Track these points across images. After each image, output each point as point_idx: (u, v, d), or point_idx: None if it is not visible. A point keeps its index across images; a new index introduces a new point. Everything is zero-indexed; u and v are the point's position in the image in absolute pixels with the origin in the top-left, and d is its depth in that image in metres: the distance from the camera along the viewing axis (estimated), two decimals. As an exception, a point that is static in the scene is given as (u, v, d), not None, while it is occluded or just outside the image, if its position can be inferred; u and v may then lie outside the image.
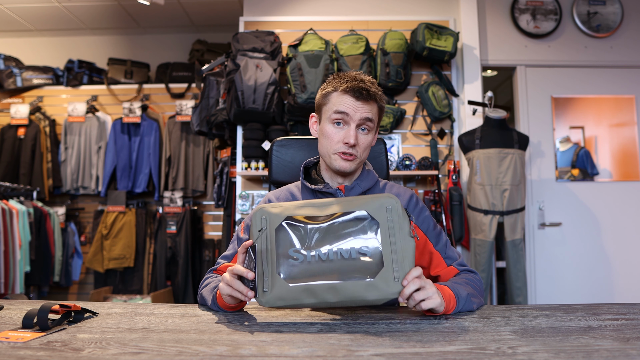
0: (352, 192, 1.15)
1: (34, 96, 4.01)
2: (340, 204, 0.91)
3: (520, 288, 2.63)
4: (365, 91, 1.08)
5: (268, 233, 0.89)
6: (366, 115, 1.09)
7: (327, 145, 1.13)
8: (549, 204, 3.04)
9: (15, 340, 0.71)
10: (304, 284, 0.85)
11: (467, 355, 0.64)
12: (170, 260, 3.73)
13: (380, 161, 1.41)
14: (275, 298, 0.85)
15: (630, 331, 0.76)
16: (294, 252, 0.88)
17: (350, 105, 1.09)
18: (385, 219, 0.88)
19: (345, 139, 1.09)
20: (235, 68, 2.71)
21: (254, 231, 0.90)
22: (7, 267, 2.99)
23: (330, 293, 0.85)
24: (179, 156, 3.85)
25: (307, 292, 0.85)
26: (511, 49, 3.13)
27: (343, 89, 1.10)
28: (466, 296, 0.97)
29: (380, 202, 0.89)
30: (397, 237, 0.87)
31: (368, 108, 1.10)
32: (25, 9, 3.87)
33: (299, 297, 0.85)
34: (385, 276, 0.85)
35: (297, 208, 0.92)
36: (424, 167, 2.79)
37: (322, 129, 1.15)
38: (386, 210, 0.88)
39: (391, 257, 0.86)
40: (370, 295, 0.84)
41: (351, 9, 3.14)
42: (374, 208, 0.88)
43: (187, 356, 0.64)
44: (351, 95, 1.09)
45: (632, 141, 3.11)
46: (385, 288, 0.84)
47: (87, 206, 3.99)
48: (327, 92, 1.14)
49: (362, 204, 0.89)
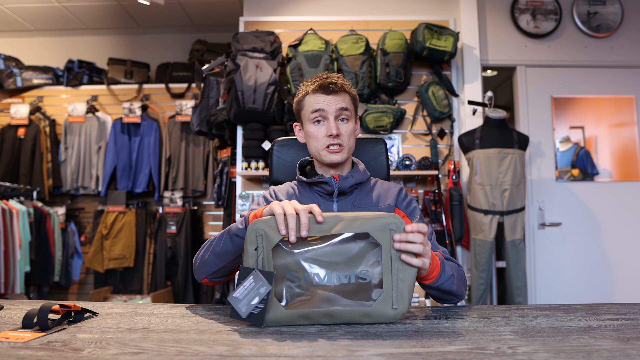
0: (346, 182, 1.19)
1: (34, 96, 4.01)
2: (342, 222, 0.85)
3: (520, 288, 2.63)
4: (333, 84, 1.16)
5: (265, 253, 0.84)
6: (340, 105, 1.16)
7: (315, 144, 1.19)
8: (549, 204, 3.04)
9: (15, 340, 0.71)
10: (300, 310, 0.83)
11: (467, 355, 0.64)
12: (170, 260, 3.73)
13: (380, 161, 1.41)
14: (271, 320, 0.83)
15: (630, 331, 0.76)
16: (292, 274, 0.85)
17: (323, 101, 1.16)
18: (388, 242, 0.83)
19: (328, 132, 1.16)
20: (235, 68, 2.71)
21: (249, 249, 0.85)
22: (7, 267, 2.99)
23: (325, 318, 0.83)
24: (179, 156, 3.85)
25: (302, 317, 0.83)
26: (511, 49, 3.13)
27: (313, 89, 1.17)
28: (450, 276, 1.00)
29: (384, 221, 0.84)
30: (398, 262, 0.84)
31: (340, 99, 1.17)
32: (25, 9, 3.87)
33: (295, 321, 0.84)
34: (384, 303, 0.82)
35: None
36: (424, 167, 2.79)
37: (306, 132, 1.21)
38: (390, 232, 0.83)
39: (391, 283, 0.83)
40: (366, 321, 0.83)
41: (351, 9, 3.14)
42: (376, 228, 0.84)
43: (187, 356, 0.64)
44: (322, 92, 1.16)
45: (632, 141, 3.11)
46: (382, 315, 0.82)
47: (87, 206, 3.99)
48: (300, 99, 1.22)
49: (364, 223, 0.84)
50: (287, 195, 1.23)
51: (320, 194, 1.20)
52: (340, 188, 1.18)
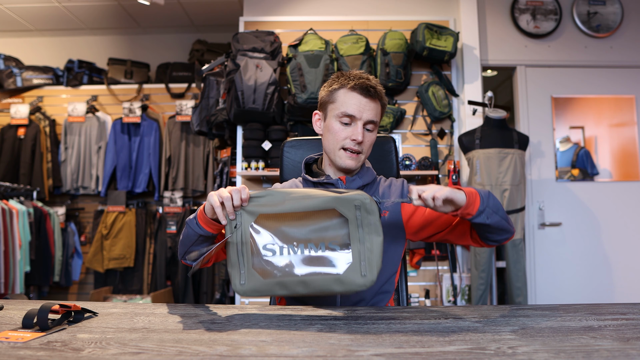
0: (353, 185, 1.18)
1: (34, 96, 4.00)
2: (312, 200, 0.94)
3: (520, 288, 2.63)
4: (373, 88, 1.13)
5: (243, 229, 0.95)
6: (371, 118, 1.14)
7: (333, 140, 1.16)
8: (549, 204, 3.04)
9: (15, 340, 0.71)
10: (277, 279, 0.93)
11: (467, 355, 0.64)
12: (170, 260, 3.73)
13: (389, 160, 1.41)
14: (251, 290, 0.94)
15: (630, 331, 0.76)
16: (267, 247, 0.95)
17: (357, 102, 1.13)
18: (354, 216, 0.93)
19: (353, 136, 1.13)
20: (235, 68, 2.71)
21: (229, 228, 0.96)
22: (7, 267, 2.99)
23: (300, 286, 0.92)
24: (179, 156, 3.85)
25: (279, 285, 0.93)
26: (511, 49, 3.13)
27: (351, 86, 1.13)
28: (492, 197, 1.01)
29: (349, 198, 0.93)
30: (365, 233, 0.92)
31: (373, 106, 1.15)
32: (25, 9, 3.87)
33: (272, 289, 0.93)
34: (353, 270, 0.91)
35: (268, 202, 0.96)
36: (424, 167, 2.79)
37: (328, 125, 1.17)
38: (355, 207, 0.93)
39: (359, 252, 0.91)
40: (338, 288, 0.91)
41: (351, 9, 3.14)
42: (342, 204, 0.93)
43: (187, 356, 0.64)
44: (359, 93, 1.13)
45: (632, 141, 3.11)
46: (352, 281, 0.91)
47: (87, 206, 3.99)
48: (334, 89, 1.16)
49: (332, 200, 0.94)
50: None
51: None
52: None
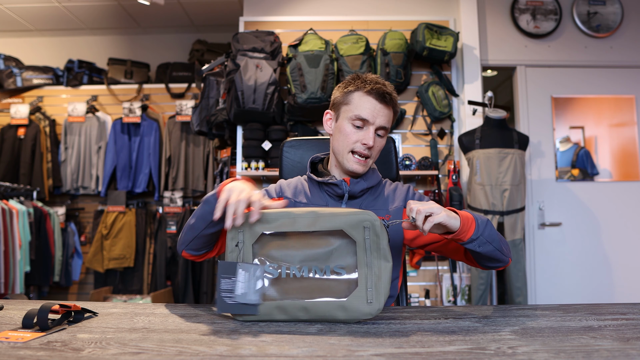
0: (357, 187, 1.17)
1: (34, 96, 4.01)
2: (318, 219, 0.87)
3: (520, 288, 2.63)
4: (388, 95, 1.13)
5: (244, 248, 0.88)
6: (384, 124, 1.14)
7: (344, 142, 1.16)
8: (549, 204, 3.04)
9: (15, 340, 0.71)
10: (277, 302, 0.86)
11: (467, 355, 0.64)
12: (170, 260, 3.73)
13: (389, 159, 1.41)
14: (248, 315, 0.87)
15: (630, 331, 0.76)
16: (269, 267, 0.88)
17: (371, 107, 1.12)
18: (363, 238, 0.85)
19: (364, 140, 1.13)
20: (235, 68, 2.71)
21: (230, 244, 0.89)
22: (7, 267, 2.99)
23: (301, 312, 0.85)
24: (179, 156, 3.85)
25: (279, 310, 0.85)
26: (511, 49, 3.13)
27: (367, 90, 1.13)
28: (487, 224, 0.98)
29: (358, 218, 0.85)
30: (373, 257, 0.85)
31: (387, 112, 1.15)
32: (25, 9, 3.87)
33: (272, 314, 0.86)
34: (358, 297, 0.84)
35: (273, 221, 0.89)
36: (424, 167, 2.79)
37: (340, 126, 1.17)
38: (364, 229, 0.85)
39: (366, 277, 0.84)
40: (341, 315, 0.84)
41: (351, 9, 3.14)
42: (350, 225, 0.85)
43: (187, 356, 0.64)
44: (374, 98, 1.13)
45: (632, 141, 3.11)
46: (357, 309, 0.83)
47: (87, 206, 3.99)
48: (349, 91, 1.16)
49: (339, 220, 0.86)
50: (295, 190, 1.23)
51: (330, 194, 1.20)
52: (350, 192, 1.17)
